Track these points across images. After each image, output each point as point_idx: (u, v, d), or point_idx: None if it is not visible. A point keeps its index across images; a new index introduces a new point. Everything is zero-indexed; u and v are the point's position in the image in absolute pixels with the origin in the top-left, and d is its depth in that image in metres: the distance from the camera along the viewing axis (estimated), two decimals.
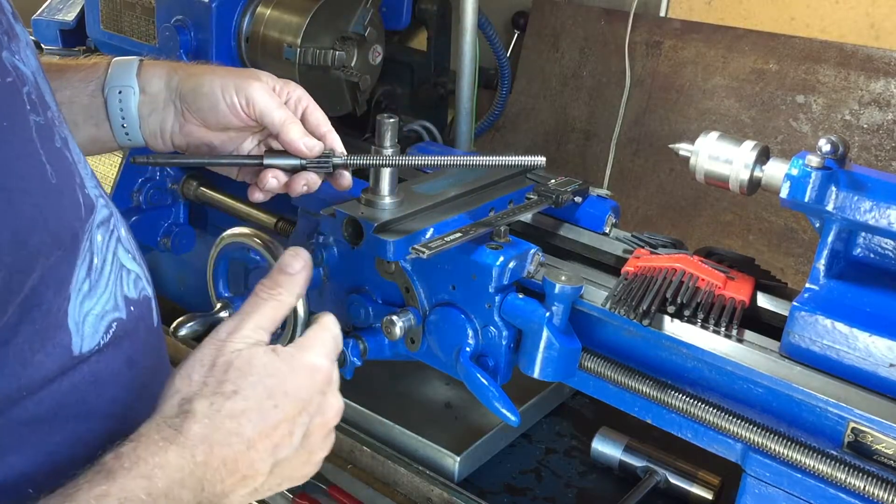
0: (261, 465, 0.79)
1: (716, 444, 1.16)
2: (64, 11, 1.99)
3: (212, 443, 0.75)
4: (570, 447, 1.60)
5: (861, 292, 1.12)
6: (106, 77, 1.09)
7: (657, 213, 2.13)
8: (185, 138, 1.11)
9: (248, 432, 0.77)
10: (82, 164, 0.81)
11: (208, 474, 0.74)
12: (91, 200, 0.79)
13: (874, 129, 1.89)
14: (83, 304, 0.76)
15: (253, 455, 0.78)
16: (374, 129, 1.26)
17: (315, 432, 0.85)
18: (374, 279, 1.31)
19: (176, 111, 1.10)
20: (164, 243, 1.80)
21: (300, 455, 0.83)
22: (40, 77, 0.78)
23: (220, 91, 1.07)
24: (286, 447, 0.81)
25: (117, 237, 0.84)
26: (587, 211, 1.45)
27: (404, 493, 1.47)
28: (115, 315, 0.80)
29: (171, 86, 1.09)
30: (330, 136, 1.13)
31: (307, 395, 0.83)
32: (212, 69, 1.11)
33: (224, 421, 0.76)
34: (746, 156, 1.15)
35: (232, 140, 1.14)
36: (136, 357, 0.83)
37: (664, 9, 2.19)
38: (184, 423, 0.75)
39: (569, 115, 2.29)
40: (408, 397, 1.66)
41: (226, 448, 0.76)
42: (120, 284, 0.82)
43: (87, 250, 0.77)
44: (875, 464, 1.03)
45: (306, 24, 1.59)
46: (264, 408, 0.79)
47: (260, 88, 1.07)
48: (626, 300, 1.17)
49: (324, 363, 0.86)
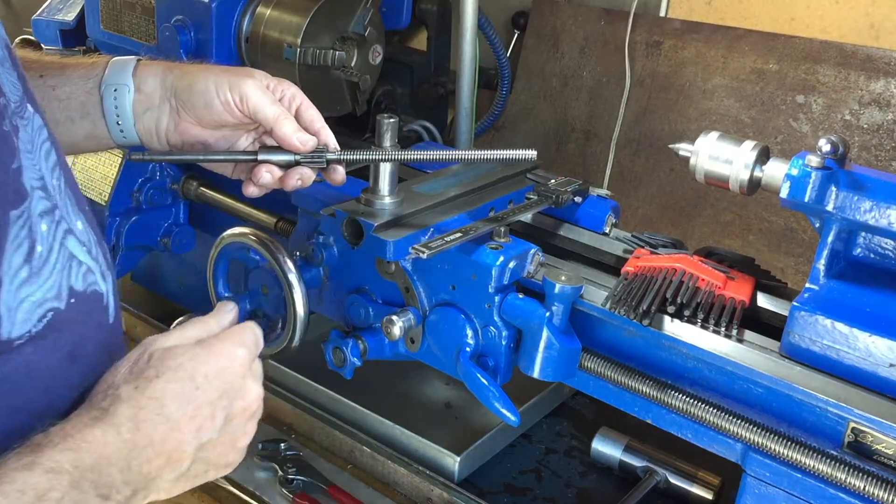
0: (186, 446, 0.82)
1: (716, 444, 1.16)
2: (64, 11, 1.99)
3: (137, 421, 0.79)
4: (570, 447, 1.60)
5: (861, 292, 1.12)
6: (104, 75, 1.11)
7: (657, 213, 2.13)
8: (180, 136, 1.13)
9: (172, 412, 0.81)
10: (37, 154, 0.83)
11: (135, 453, 0.78)
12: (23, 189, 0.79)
13: (874, 129, 1.89)
14: (20, 290, 0.77)
15: (177, 436, 0.81)
16: (374, 129, 1.26)
17: (237, 416, 0.88)
18: (374, 279, 1.31)
19: (171, 109, 1.11)
20: (164, 243, 1.80)
21: (224, 439, 0.87)
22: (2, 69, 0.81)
23: (214, 88, 1.08)
24: (209, 429, 0.84)
25: (66, 229, 0.85)
26: (587, 211, 1.45)
27: (404, 493, 1.47)
28: (53, 304, 0.81)
29: (165, 84, 1.11)
30: (324, 132, 1.14)
31: (228, 378, 0.87)
32: (206, 67, 1.12)
33: (148, 401, 0.80)
34: (746, 156, 1.15)
35: (227, 138, 1.15)
36: (81, 353, 0.84)
37: (664, 9, 2.19)
38: (111, 405, 0.79)
39: (569, 115, 2.29)
40: (408, 397, 1.66)
41: (150, 427, 0.79)
42: (67, 275, 0.83)
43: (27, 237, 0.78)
44: (875, 464, 1.03)
45: (306, 24, 1.59)
46: (186, 389, 0.83)
47: (253, 85, 1.09)
48: (626, 300, 1.17)
49: (241, 351, 0.90)
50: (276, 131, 1.09)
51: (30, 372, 0.78)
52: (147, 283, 2.02)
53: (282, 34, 1.62)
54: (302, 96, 1.14)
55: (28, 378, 0.78)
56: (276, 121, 1.09)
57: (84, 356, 0.84)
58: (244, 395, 0.89)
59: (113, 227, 1.72)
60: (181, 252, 1.81)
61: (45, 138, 0.86)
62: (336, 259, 1.34)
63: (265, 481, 1.48)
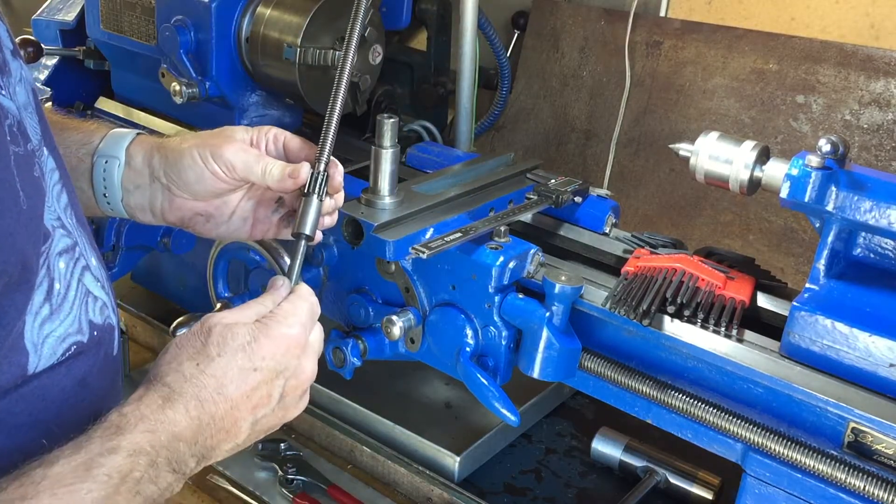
0: (243, 423, 0.89)
1: (716, 444, 1.16)
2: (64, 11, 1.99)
3: (200, 400, 0.85)
4: (570, 447, 1.60)
5: (861, 292, 1.12)
6: (99, 145, 1.10)
7: (657, 213, 2.13)
8: (177, 213, 1.11)
9: (231, 392, 0.87)
10: (53, 194, 0.86)
11: (201, 429, 0.85)
12: (47, 230, 0.84)
13: (874, 129, 1.89)
14: (43, 327, 0.82)
15: (236, 413, 0.88)
16: (374, 129, 1.26)
17: (290, 393, 0.94)
18: (374, 279, 1.31)
19: (163, 188, 1.10)
20: (164, 243, 1.79)
21: (276, 413, 0.94)
22: (26, 112, 0.84)
23: (200, 162, 1.07)
24: (264, 407, 0.91)
25: (84, 265, 0.89)
26: (587, 211, 1.45)
27: (404, 493, 1.47)
28: (76, 338, 0.86)
29: (152, 164, 1.09)
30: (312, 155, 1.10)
31: (283, 360, 0.92)
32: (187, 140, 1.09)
33: (209, 380, 0.86)
34: (746, 156, 1.15)
35: (225, 204, 1.12)
36: (91, 380, 0.88)
37: (664, 9, 2.19)
38: (174, 382, 0.85)
39: (569, 115, 2.29)
40: (408, 397, 1.66)
41: (212, 405, 0.86)
42: (85, 310, 0.88)
43: (46, 276, 0.82)
44: (875, 464, 1.03)
45: (306, 24, 1.59)
46: (245, 370, 0.88)
47: (236, 150, 1.07)
48: (626, 300, 1.17)
49: (298, 331, 0.94)
50: (269, 184, 1.07)
51: (45, 395, 0.82)
52: (147, 283, 2.02)
53: (282, 34, 1.62)
54: (283, 132, 1.12)
55: (42, 401, 0.82)
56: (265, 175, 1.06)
57: (93, 383, 0.89)
58: (298, 375, 0.94)
59: (113, 227, 1.72)
60: (181, 252, 1.81)
61: (56, 180, 0.88)
62: (336, 259, 1.34)
63: (265, 481, 1.48)
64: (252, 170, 1.06)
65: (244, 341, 0.90)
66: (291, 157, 1.11)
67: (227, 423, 0.87)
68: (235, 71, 1.70)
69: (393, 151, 1.26)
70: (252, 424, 0.90)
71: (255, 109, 1.78)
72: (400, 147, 1.29)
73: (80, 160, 1.10)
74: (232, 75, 1.69)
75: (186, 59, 1.65)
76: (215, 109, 1.76)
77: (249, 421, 0.90)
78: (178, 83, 1.65)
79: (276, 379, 0.91)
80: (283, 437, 1.55)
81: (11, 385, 0.79)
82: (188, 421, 0.83)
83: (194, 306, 1.69)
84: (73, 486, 0.73)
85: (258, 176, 1.06)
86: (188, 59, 1.66)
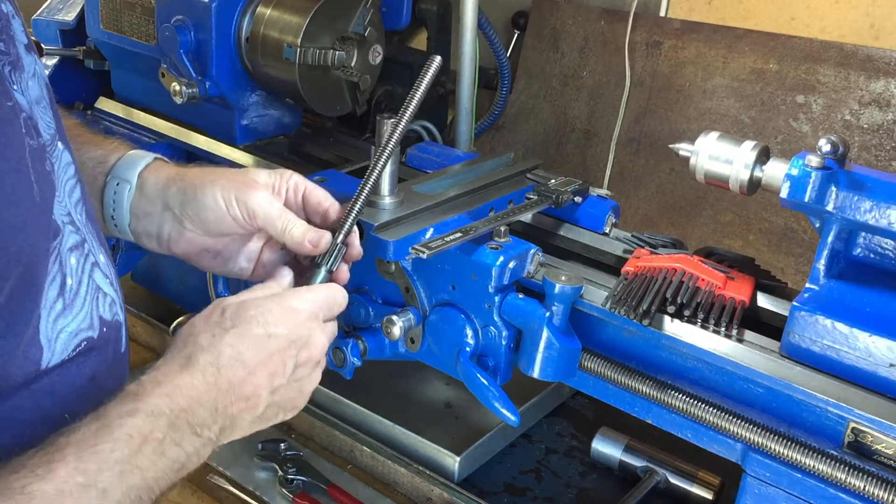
0: (261, 390, 0.91)
1: (716, 444, 1.16)
2: (64, 11, 1.99)
3: (218, 366, 0.87)
4: (570, 447, 1.60)
5: (861, 292, 1.12)
6: (115, 165, 1.10)
7: (657, 213, 2.13)
8: (185, 246, 1.11)
9: (248, 359, 0.90)
10: (65, 190, 0.87)
11: (220, 395, 0.87)
12: (57, 226, 0.84)
13: (874, 129, 1.89)
14: (56, 323, 0.82)
15: (253, 380, 0.90)
16: (374, 129, 1.25)
17: (303, 364, 0.97)
18: (374, 279, 1.31)
19: (174, 218, 1.09)
20: None
21: (293, 385, 0.96)
22: (38, 107, 0.85)
23: (223, 203, 1.06)
24: (280, 375, 0.93)
25: (94, 262, 0.90)
26: (587, 211, 1.45)
27: (404, 493, 1.47)
28: (87, 334, 0.87)
29: (168, 193, 1.08)
30: (332, 209, 1.12)
31: (296, 329, 0.95)
32: (211, 178, 1.08)
33: (225, 348, 0.89)
34: (746, 156, 1.15)
35: (234, 242, 1.12)
36: (100, 377, 0.89)
37: (664, 9, 2.19)
38: (192, 352, 0.88)
39: (569, 115, 2.29)
40: (408, 397, 1.65)
41: (230, 371, 0.88)
42: (96, 305, 0.89)
43: (59, 272, 0.83)
44: (875, 464, 1.03)
45: (306, 24, 1.59)
46: (259, 338, 0.92)
47: (259, 197, 1.06)
48: (626, 300, 1.17)
49: (308, 305, 0.98)
50: (287, 243, 1.07)
51: (55, 391, 0.83)
52: (147, 283, 2.02)
53: (282, 34, 1.62)
54: (304, 181, 1.12)
55: (52, 397, 0.83)
56: (284, 233, 1.07)
57: (102, 379, 0.90)
58: (310, 346, 0.97)
59: None
60: None
61: (71, 175, 0.89)
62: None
63: (265, 481, 1.48)
64: (273, 224, 1.07)
65: (258, 312, 0.93)
66: (309, 210, 1.11)
67: (246, 391, 0.89)
68: (235, 71, 1.70)
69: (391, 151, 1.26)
70: (270, 394, 0.92)
71: (255, 109, 1.78)
72: (400, 147, 1.29)
73: (95, 178, 1.09)
74: (232, 75, 1.70)
75: (186, 59, 1.65)
76: (215, 109, 1.76)
77: (268, 389, 0.92)
78: (178, 83, 1.66)
79: (289, 348, 0.94)
80: (283, 437, 1.55)
81: (24, 381, 0.79)
82: (206, 386, 0.86)
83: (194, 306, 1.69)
84: (97, 447, 0.75)
85: (277, 231, 1.07)
86: (188, 59, 1.66)
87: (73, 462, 0.73)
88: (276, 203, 1.08)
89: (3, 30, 0.80)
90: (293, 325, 0.95)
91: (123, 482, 0.75)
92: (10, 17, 0.82)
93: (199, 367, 0.86)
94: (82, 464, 0.73)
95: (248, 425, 0.93)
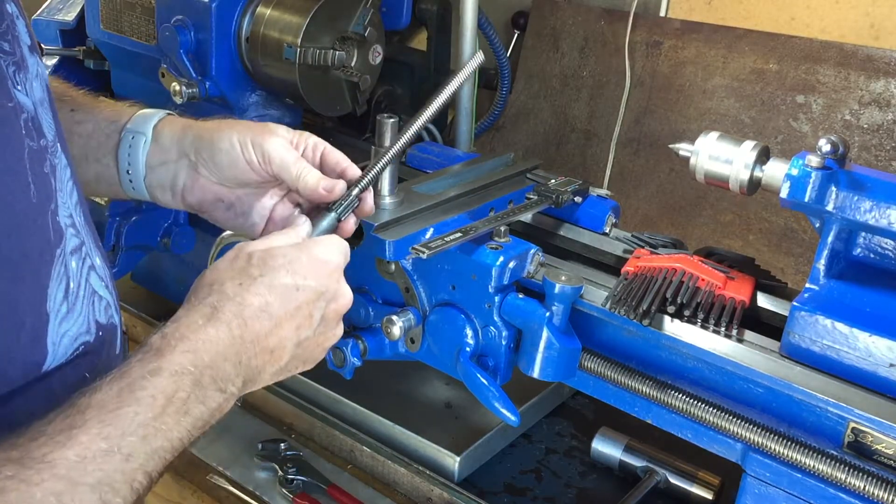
0: (286, 342, 0.89)
1: (716, 444, 1.16)
2: (64, 11, 1.99)
3: (244, 318, 0.85)
4: (570, 447, 1.60)
5: (861, 292, 1.12)
6: (128, 121, 1.10)
7: (657, 213, 2.13)
8: (198, 195, 1.10)
9: (275, 310, 0.88)
10: (65, 193, 0.86)
11: (244, 348, 0.85)
12: (60, 228, 0.83)
13: (874, 129, 1.89)
14: (61, 326, 0.82)
15: (280, 332, 0.88)
16: (374, 129, 1.25)
17: (329, 317, 0.95)
18: (374, 279, 1.31)
19: (189, 166, 1.08)
20: (164, 243, 1.79)
21: (317, 339, 0.94)
22: (41, 108, 0.84)
23: (239, 146, 1.05)
24: (307, 328, 0.91)
25: (90, 265, 0.89)
26: (587, 211, 1.45)
27: (404, 493, 1.47)
28: (85, 338, 0.86)
29: (184, 140, 1.08)
30: (350, 170, 1.10)
31: (324, 281, 0.93)
32: (228, 124, 1.08)
33: (253, 298, 0.87)
34: (746, 156, 1.15)
35: (248, 195, 1.11)
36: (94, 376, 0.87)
37: (664, 9, 2.19)
38: (218, 301, 0.85)
39: (569, 115, 2.29)
40: (408, 397, 1.65)
41: (256, 323, 0.86)
42: (92, 309, 0.88)
43: (63, 275, 0.82)
44: (875, 464, 1.03)
45: (306, 24, 1.59)
46: (288, 289, 0.89)
47: (276, 144, 1.06)
48: (626, 300, 1.17)
49: (336, 256, 0.96)
50: (301, 188, 1.06)
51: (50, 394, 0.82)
52: (147, 283, 2.02)
53: (282, 34, 1.62)
54: (323, 143, 1.11)
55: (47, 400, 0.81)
56: (298, 177, 1.06)
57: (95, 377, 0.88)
58: (338, 298, 0.96)
59: (113, 228, 1.72)
60: (181, 252, 1.81)
61: (68, 177, 0.88)
62: None
63: (265, 481, 1.48)
64: (287, 169, 1.05)
65: (286, 261, 0.90)
66: (326, 169, 1.10)
67: (271, 343, 0.87)
68: (235, 71, 1.70)
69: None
70: (295, 346, 0.91)
71: (255, 109, 1.78)
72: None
73: (108, 136, 1.09)
74: (232, 75, 1.70)
75: (186, 59, 1.65)
76: (215, 109, 1.76)
77: (293, 342, 0.90)
78: (178, 83, 1.66)
79: (318, 300, 0.92)
80: (283, 437, 1.55)
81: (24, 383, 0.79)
82: (231, 339, 0.84)
83: None
84: (120, 411, 0.74)
85: (291, 177, 1.06)
86: (188, 59, 1.66)
87: (95, 427, 0.72)
88: (293, 151, 1.07)
89: (7, 30, 0.80)
90: (322, 276, 0.93)
91: (147, 445, 0.74)
92: (15, 18, 0.82)
93: (224, 319, 0.84)
94: (105, 428, 0.72)
95: (271, 377, 0.91)
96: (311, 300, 0.91)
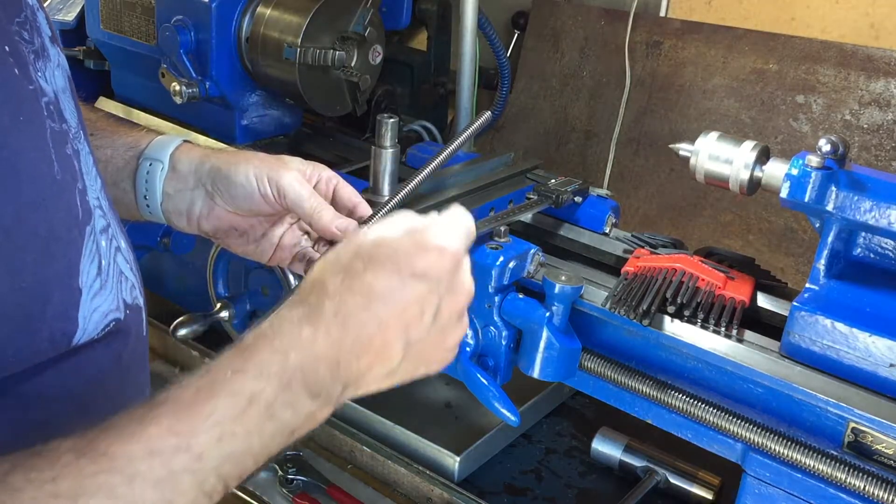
0: (394, 344, 0.80)
1: (716, 444, 1.16)
2: (64, 11, 1.99)
3: (344, 317, 0.77)
4: (570, 447, 1.60)
5: (861, 292, 1.12)
6: (146, 148, 1.11)
7: (657, 213, 2.13)
8: (213, 223, 1.11)
9: (379, 309, 0.79)
10: (91, 177, 0.86)
11: (343, 351, 0.77)
12: (89, 207, 0.83)
13: (874, 129, 1.89)
14: (93, 301, 0.80)
15: (385, 334, 0.79)
16: (374, 129, 1.26)
17: (445, 313, 0.84)
18: None
19: (206, 195, 1.10)
20: (164, 243, 1.79)
21: (432, 337, 0.84)
22: (64, 97, 0.83)
23: (254, 181, 1.06)
24: (417, 328, 0.82)
25: (117, 246, 0.89)
26: (587, 211, 1.45)
27: (404, 493, 1.47)
28: (115, 315, 0.85)
29: (202, 170, 1.09)
30: (361, 206, 1.11)
31: (437, 274, 0.82)
32: (245, 157, 1.10)
33: (355, 297, 0.78)
34: (746, 156, 1.15)
35: (262, 224, 1.13)
36: (125, 358, 0.89)
37: (664, 9, 2.19)
38: (317, 299, 0.78)
39: (569, 115, 2.29)
40: (408, 397, 1.65)
41: (357, 324, 0.78)
42: (119, 289, 0.88)
43: (95, 252, 0.82)
44: (875, 464, 1.03)
45: (306, 24, 1.59)
46: (393, 286, 0.80)
47: (291, 179, 1.07)
48: (626, 300, 1.17)
49: (453, 244, 0.84)
50: (314, 225, 1.07)
51: (80, 370, 0.81)
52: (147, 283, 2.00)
53: (282, 34, 1.62)
54: (337, 177, 1.12)
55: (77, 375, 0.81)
56: (312, 214, 1.06)
57: (126, 360, 0.89)
58: (454, 291, 0.85)
59: None
60: (181, 252, 1.81)
61: (92, 164, 0.89)
62: None
63: (265, 481, 1.48)
64: (301, 204, 1.06)
65: (391, 251, 0.81)
66: (338, 203, 1.11)
67: (375, 346, 0.79)
68: (235, 71, 1.70)
69: (393, 151, 1.26)
70: (405, 347, 0.81)
71: (255, 109, 1.78)
72: (400, 147, 1.29)
73: (127, 162, 1.11)
74: (232, 75, 1.70)
75: (186, 59, 1.65)
76: (215, 109, 1.76)
77: (402, 343, 0.81)
78: (178, 83, 1.66)
79: (430, 295, 0.82)
80: None
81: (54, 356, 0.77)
82: (328, 342, 0.77)
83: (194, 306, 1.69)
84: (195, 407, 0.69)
85: (305, 212, 1.06)
86: (188, 59, 1.66)
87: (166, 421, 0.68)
88: (307, 185, 1.08)
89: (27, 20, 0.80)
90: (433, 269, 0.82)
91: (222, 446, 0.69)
92: (36, 10, 0.83)
93: (322, 318, 0.77)
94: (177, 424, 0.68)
95: (382, 378, 0.83)
96: (420, 297, 0.81)
